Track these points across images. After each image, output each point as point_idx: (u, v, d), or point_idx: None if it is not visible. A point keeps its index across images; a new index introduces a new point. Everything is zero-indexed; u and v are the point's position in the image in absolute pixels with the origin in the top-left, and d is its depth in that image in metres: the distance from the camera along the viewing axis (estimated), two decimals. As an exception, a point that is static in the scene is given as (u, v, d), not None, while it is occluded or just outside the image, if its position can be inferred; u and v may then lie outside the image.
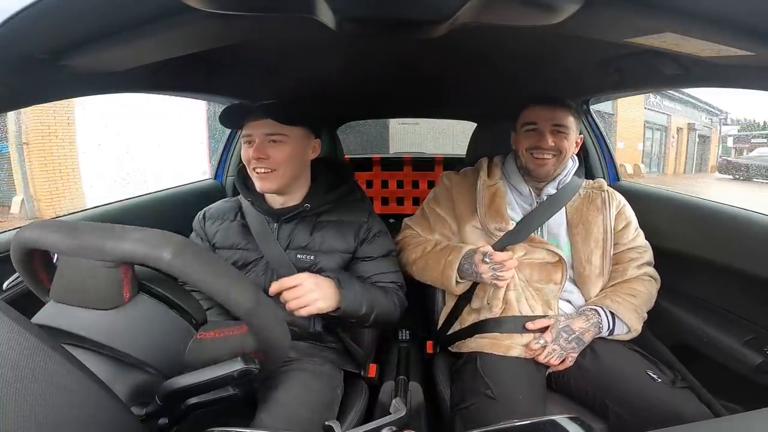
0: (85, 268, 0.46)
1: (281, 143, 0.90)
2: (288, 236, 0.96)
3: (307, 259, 0.95)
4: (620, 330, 0.99)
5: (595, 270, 1.04)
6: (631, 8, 0.49)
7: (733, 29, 0.51)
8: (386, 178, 2.12)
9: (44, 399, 0.32)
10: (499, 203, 1.07)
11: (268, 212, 0.97)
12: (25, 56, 0.57)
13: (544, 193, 1.08)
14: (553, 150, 1.03)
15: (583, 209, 1.08)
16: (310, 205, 0.95)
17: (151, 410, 0.48)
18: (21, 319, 0.34)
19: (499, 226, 1.05)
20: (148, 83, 0.91)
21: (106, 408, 0.37)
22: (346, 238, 0.96)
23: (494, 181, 1.11)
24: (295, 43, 0.90)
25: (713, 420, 0.44)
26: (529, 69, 1.11)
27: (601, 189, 1.11)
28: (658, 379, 0.87)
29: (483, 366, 0.94)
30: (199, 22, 0.54)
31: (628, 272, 1.06)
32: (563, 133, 1.04)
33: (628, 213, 1.11)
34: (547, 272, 1.04)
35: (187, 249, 0.46)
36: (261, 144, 0.90)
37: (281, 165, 0.90)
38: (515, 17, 0.53)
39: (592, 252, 1.04)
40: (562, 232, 1.07)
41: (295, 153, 0.92)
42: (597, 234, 1.05)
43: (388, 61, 1.08)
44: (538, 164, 1.05)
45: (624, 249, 1.07)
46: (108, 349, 0.47)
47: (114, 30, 0.56)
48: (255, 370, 0.49)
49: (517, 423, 0.48)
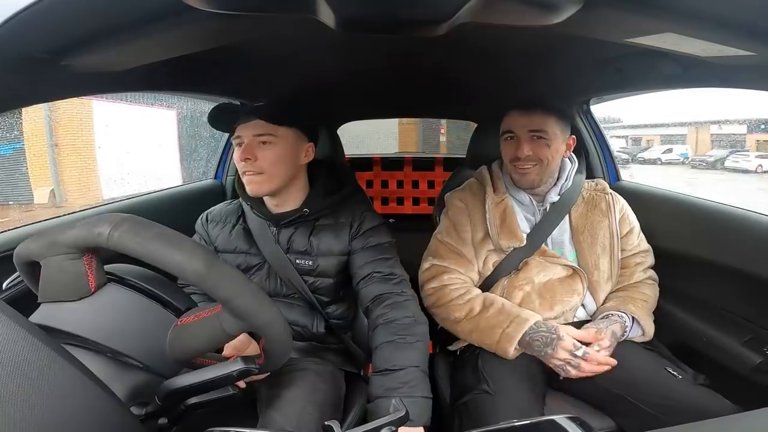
0: (55, 264, 0.48)
1: (270, 144, 0.88)
2: (287, 241, 0.95)
3: (306, 264, 0.94)
4: (634, 334, 0.99)
5: (603, 275, 1.03)
6: (631, 8, 0.49)
7: (733, 29, 0.51)
8: (386, 178, 2.12)
9: (44, 399, 0.32)
10: (511, 221, 1.03)
11: (267, 216, 0.95)
12: (25, 56, 0.57)
13: (546, 200, 1.05)
14: (532, 159, 1.00)
15: (587, 214, 1.06)
16: (309, 210, 0.94)
17: (151, 410, 0.48)
18: (21, 319, 0.34)
19: (511, 244, 1.02)
20: (148, 83, 0.91)
21: (106, 408, 0.37)
22: (341, 239, 0.95)
23: (501, 196, 1.06)
24: (295, 43, 0.90)
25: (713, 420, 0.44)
26: (530, 69, 1.11)
27: (605, 192, 1.10)
28: (679, 375, 0.87)
29: (483, 362, 0.93)
30: (199, 22, 0.54)
31: (635, 276, 1.05)
32: (543, 139, 0.99)
33: (632, 217, 1.10)
34: (569, 285, 1.02)
35: (124, 223, 0.46)
36: (249, 145, 0.88)
37: (270, 167, 0.88)
38: (515, 17, 0.53)
39: (599, 258, 1.03)
40: (566, 239, 1.06)
41: (284, 155, 0.89)
42: (603, 239, 1.04)
43: (389, 60, 1.07)
44: (520, 173, 1.02)
45: (630, 254, 1.07)
46: (80, 339, 0.47)
47: (114, 30, 0.56)
48: (255, 370, 0.49)
49: (517, 423, 0.48)
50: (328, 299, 0.97)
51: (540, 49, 0.93)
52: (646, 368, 0.90)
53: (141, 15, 0.54)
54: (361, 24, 0.51)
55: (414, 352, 0.80)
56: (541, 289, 1.01)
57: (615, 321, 0.96)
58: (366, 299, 0.91)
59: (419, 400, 0.73)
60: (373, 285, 0.91)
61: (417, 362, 0.79)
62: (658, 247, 1.12)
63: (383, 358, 0.80)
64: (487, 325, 0.95)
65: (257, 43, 0.88)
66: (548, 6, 0.47)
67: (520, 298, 1.01)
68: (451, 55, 1.01)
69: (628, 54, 0.86)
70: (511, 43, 0.90)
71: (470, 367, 0.96)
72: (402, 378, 0.76)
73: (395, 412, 0.49)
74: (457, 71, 1.19)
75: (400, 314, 0.86)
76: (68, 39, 0.57)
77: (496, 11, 0.50)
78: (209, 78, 1.03)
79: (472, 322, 0.97)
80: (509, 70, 1.15)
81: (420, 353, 0.81)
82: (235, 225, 0.99)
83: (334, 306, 0.99)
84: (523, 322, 0.92)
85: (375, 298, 0.90)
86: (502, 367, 0.92)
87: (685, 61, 0.78)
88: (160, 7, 0.52)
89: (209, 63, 0.95)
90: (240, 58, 0.98)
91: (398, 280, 0.93)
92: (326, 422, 0.50)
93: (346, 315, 1.02)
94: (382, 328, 0.84)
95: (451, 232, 1.08)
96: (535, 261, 1.02)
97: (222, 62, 0.98)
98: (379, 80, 1.29)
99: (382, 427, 0.47)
